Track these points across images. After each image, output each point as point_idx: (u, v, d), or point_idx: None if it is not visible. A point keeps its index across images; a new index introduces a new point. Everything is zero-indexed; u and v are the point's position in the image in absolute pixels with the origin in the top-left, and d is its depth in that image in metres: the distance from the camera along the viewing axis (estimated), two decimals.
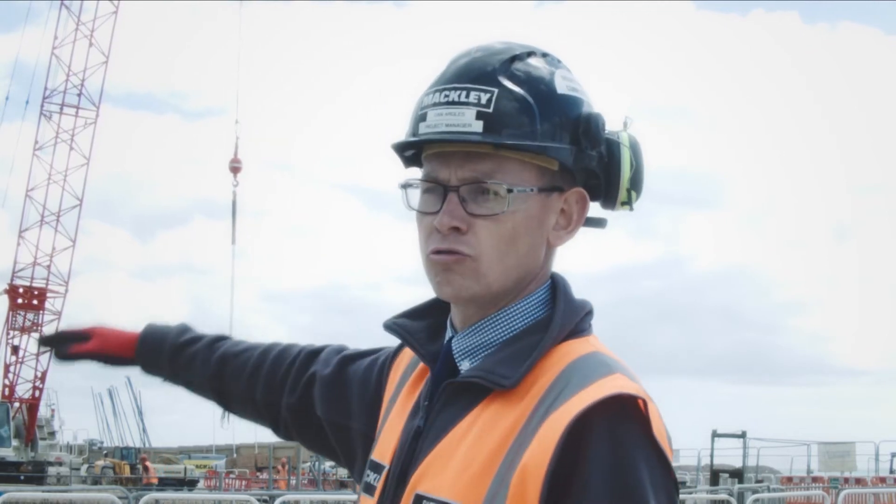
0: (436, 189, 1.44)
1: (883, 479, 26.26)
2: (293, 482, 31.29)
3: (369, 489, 1.53)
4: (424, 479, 1.40)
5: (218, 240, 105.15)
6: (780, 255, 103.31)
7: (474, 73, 1.43)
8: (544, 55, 1.49)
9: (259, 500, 15.87)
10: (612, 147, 1.49)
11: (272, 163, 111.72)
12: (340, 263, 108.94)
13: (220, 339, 1.93)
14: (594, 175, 1.48)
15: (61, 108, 41.10)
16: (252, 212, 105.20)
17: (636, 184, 1.51)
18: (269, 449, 40.18)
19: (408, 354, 1.66)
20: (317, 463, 33.90)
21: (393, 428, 1.55)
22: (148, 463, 39.31)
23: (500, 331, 1.46)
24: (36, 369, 42.18)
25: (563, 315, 1.44)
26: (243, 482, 37.81)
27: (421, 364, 1.59)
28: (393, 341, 1.66)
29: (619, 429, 1.30)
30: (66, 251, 41.86)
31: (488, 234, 1.41)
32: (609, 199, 1.51)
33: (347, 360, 1.77)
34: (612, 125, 1.50)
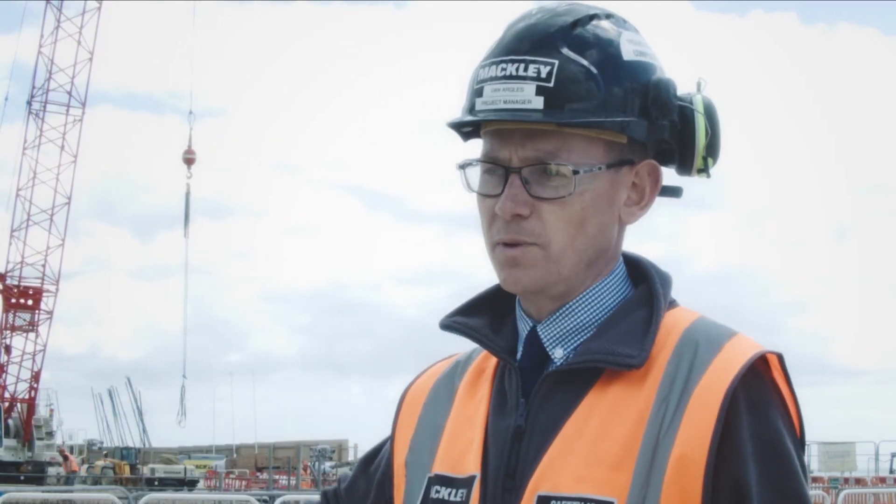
0: (496, 170, 1.33)
1: (883, 479, 26.28)
2: (293, 482, 31.29)
3: None
4: (546, 478, 1.27)
5: (218, 240, 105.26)
6: (780, 255, 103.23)
7: (533, 41, 1.32)
8: (608, 16, 1.37)
9: (259, 500, 15.87)
10: (686, 113, 1.37)
11: (272, 163, 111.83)
12: (340, 263, 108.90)
13: None
14: (667, 143, 1.37)
15: (44, 106, 41.17)
16: (252, 212, 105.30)
17: (713, 150, 1.39)
18: (270, 449, 40.23)
19: (424, 385, 1.53)
20: (317, 463, 33.89)
21: (461, 436, 1.40)
22: (67, 453, 39.10)
23: (592, 312, 1.36)
24: (31, 369, 42.17)
25: (662, 286, 1.36)
26: (243, 482, 37.80)
27: (473, 366, 1.48)
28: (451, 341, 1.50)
29: (758, 394, 1.26)
30: (55, 250, 41.83)
31: (555, 219, 1.31)
32: (684, 167, 1.39)
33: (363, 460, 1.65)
34: (684, 87, 1.39)
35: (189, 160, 44.00)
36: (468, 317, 1.44)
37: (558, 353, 1.36)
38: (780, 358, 1.30)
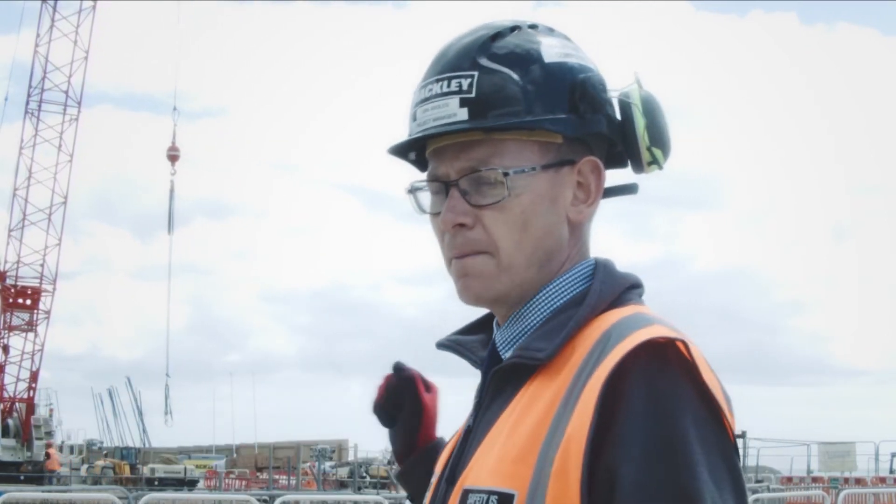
0: (440, 188, 1.37)
1: (883, 479, 26.27)
2: (293, 482, 31.28)
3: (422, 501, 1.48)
4: (471, 473, 1.32)
5: (219, 240, 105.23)
6: (780, 255, 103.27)
7: (454, 59, 1.36)
8: (532, 26, 1.39)
9: (259, 500, 15.87)
10: (623, 107, 1.39)
11: (272, 163, 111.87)
12: (340, 264, 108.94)
13: None
14: (610, 140, 1.39)
15: (40, 106, 41.24)
16: (252, 212, 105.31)
17: (658, 141, 1.40)
18: (270, 449, 40.19)
19: None
20: (317, 463, 33.88)
21: (450, 443, 1.50)
22: (51, 451, 39.04)
23: (538, 313, 1.37)
24: (30, 369, 42.19)
25: (601, 284, 1.35)
26: (243, 482, 37.80)
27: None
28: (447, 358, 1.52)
29: (657, 375, 1.19)
30: (52, 250, 41.87)
31: (497, 224, 1.33)
32: (635, 162, 1.41)
33: None
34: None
35: (173, 157, 44.15)
36: (466, 335, 1.50)
37: (507, 356, 1.38)
38: (686, 345, 1.22)
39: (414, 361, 1.70)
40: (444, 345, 1.49)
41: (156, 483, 37.71)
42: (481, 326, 1.50)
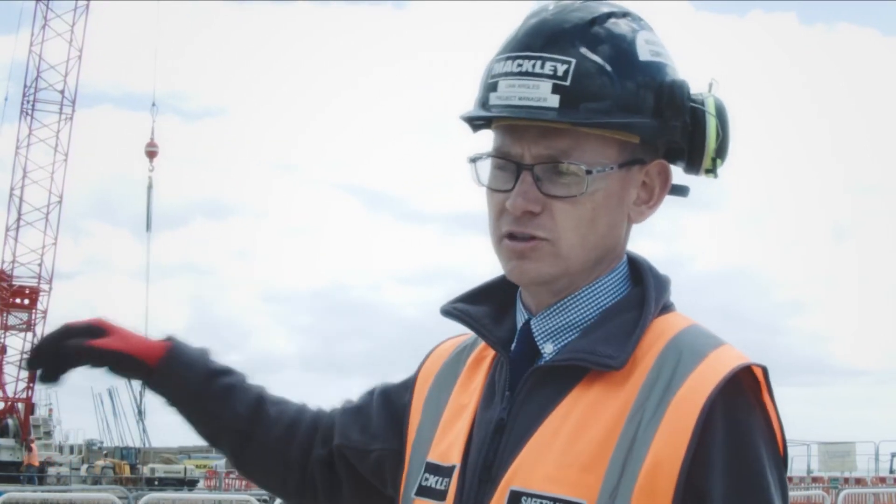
0: (508, 166, 1.32)
1: (883, 479, 26.27)
2: None
3: (431, 493, 1.40)
4: (520, 474, 1.28)
5: (219, 241, 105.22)
6: (780, 255, 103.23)
7: (549, 38, 1.31)
8: (625, 14, 1.37)
9: (259, 500, 15.85)
10: (697, 115, 1.37)
11: (272, 163, 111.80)
12: (340, 264, 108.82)
13: (249, 378, 1.65)
14: (677, 143, 1.38)
15: (33, 105, 41.33)
16: (252, 212, 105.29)
17: (722, 151, 1.39)
18: None
19: (443, 353, 1.55)
20: None
21: (453, 425, 1.42)
22: (33, 445, 38.99)
23: (586, 310, 1.35)
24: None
25: (655, 290, 1.35)
26: (243, 482, 37.75)
27: (474, 355, 1.48)
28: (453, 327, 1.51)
29: (737, 407, 1.25)
30: (48, 249, 41.89)
31: (566, 217, 1.31)
32: (692, 167, 1.39)
33: (373, 388, 1.62)
34: (697, 87, 1.40)
35: (151, 153, 44.29)
36: (471, 304, 1.44)
37: (548, 349, 1.36)
38: (765, 371, 1.29)
39: (414, 361, 1.67)
40: (450, 313, 1.45)
41: (156, 483, 37.69)
42: (485, 295, 1.46)
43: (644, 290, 1.36)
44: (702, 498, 1.22)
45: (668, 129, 1.34)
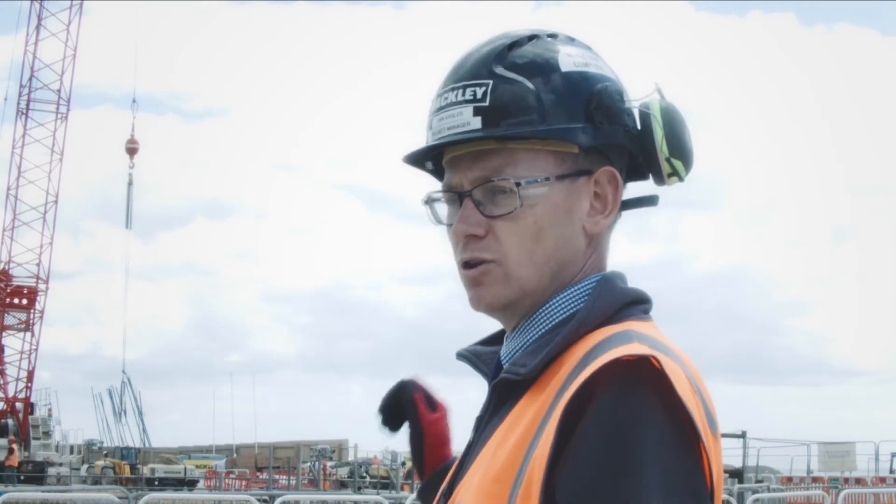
0: (453, 198, 1.36)
1: (883, 479, 26.25)
2: (293, 482, 31.27)
3: None
4: (462, 489, 1.31)
5: (220, 241, 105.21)
6: (780, 255, 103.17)
7: (471, 68, 1.35)
8: (551, 35, 1.38)
9: (259, 500, 15.86)
10: (643, 118, 1.37)
11: (272, 163, 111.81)
12: (341, 264, 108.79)
13: None
14: (630, 151, 1.37)
15: (28, 104, 41.42)
16: (253, 212, 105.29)
17: (678, 152, 1.37)
18: (270, 449, 40.14)
19: None
20: (317, 463, 33.87)
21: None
22: (14, 446, 38.99)
23: (539, 327, 1.35)
24: (27, 368, 42.19)
25: (595, 301, 1.31)
26: (243, 482, 37.79)
27: None
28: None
29: (621, 394, 1.14)
30: (45, 249, 41.94)
31: (508, 234, 1.32)
32: (655, 174, 1.39)
33: None
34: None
35: (132, 150, 44.44)
36: (485, 346, 1.47)
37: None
38: (658, 361, 1.17)
39: (414, 361, 1.69)
40: (462, 355, 1.48)
41: (156, 483, 37.68)
42: (500, 338, 1.46)
43: (585, 303, 1.32)
44: (552, 495, 1.14)
45: (604, 134, 1.34)
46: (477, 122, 1.32)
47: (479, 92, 1.33)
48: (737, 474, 25.71)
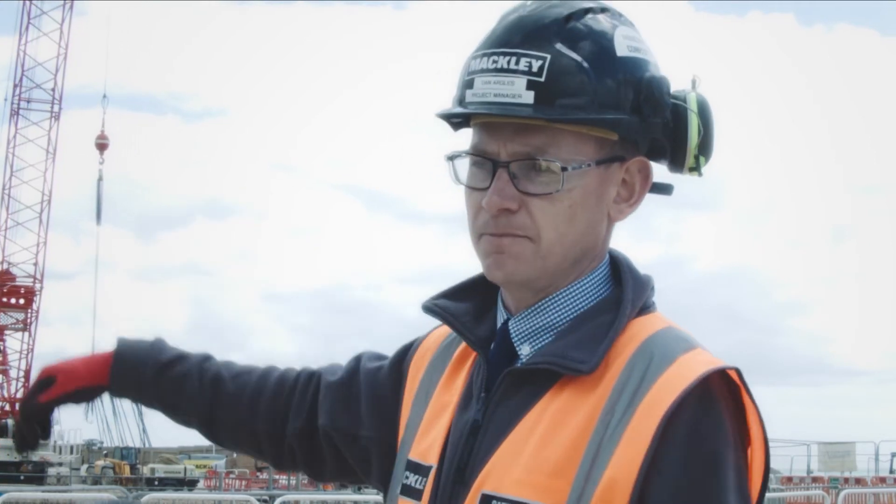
0: (485, 163, 1.31)
1: (883, 479, 26.25)
2: (293, 482, 31.25)
3: (411, 492, 1.40)
4: (491, 478, 1.28)
5: (220, 241, 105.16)
6: (780, 255, 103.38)
7: (525, 34, 1.29)
8: (604, 10, 1.34)
9: (259, 500, 15.85)
10: (679, 111, 1.35)
11: (272, 163, 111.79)
12: (341, 264, 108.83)
13: (207, 358, 1.67)
14: (659, 140, 1.36)
15: (19, 104, 41.53)
16: (253, 212, 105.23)
17: (705, 149, 1.37)
18: None
19: (431, 345, 1.53)
20: None
21: (434, 424, 1.42)
22: None
23: (565, 311, 1.34)
24: (24, 368, 42.18)
25: (633, 291, 1.33)
26: (243, 482, 37.76)
27: (458, 352, 1.47)
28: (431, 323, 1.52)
29: (702, 419, 1.22)
30: (39, 248, 42.01)
31: (543, 214, 1.29)
32: (676, 165, 1.38)
33: (356, 365, 1.60)
34: (679, 84, 1.38)
35: (102, 145, 44.41)
36: (454, 301, 1.44)
37: (525, 350, 1.35)
38: (739, 372, 1.25)
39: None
40: (430, 309, 1.44)
41: (156, 483, 37.69)
42: (467, 292, 1.44)
43: (622, 291, 1.34)
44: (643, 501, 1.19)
45: (648, 126, 1.33)
46: (529, 97, 1.27)
47: (536, 66, 1.28)
48: None
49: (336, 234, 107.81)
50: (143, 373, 1.64)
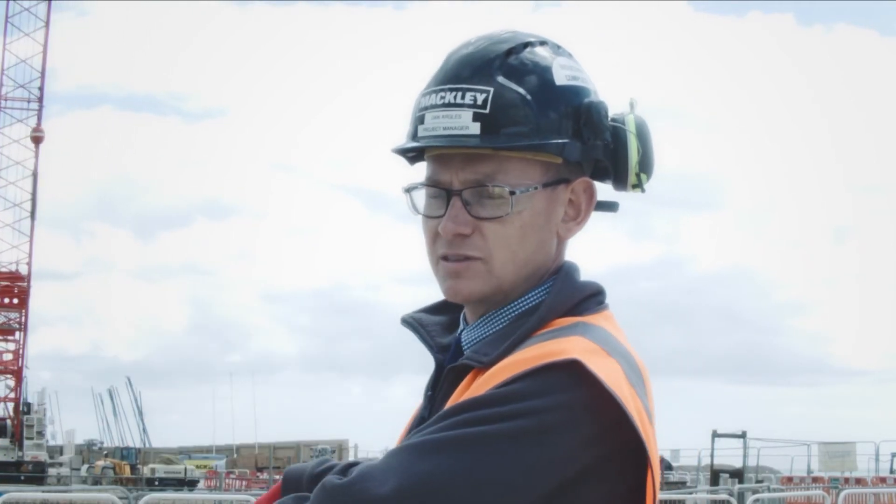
0: (439, 193, 1.42)
1: (883, 479, 26.28)
2: None
3: None
4: None
5: (219, 241, 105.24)
6: (780, 255, 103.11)
7: (470, 70, 1.41)
8: (543, 43, 1.45)
9: None
10: (618, 133, 1.45)
11: (272, 163, 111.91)
12: (341, 264, 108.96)
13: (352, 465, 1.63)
14: (601, 161, 1.45)
15: (2, 102, 41.75)
16: (252, 212, 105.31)
17: (646, 167, 1.47)
18: (270, 449, 40.21)
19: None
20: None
21: (406, 426, 1.53)
22: None
23: (504, 319, 1.44)
24: (18, 367, 42.25)
25: (555, 295, 1.41)
26: (243, 482, 37.79)
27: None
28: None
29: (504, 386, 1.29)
30: (21, 249, 42.24)
31: (496, 236, 1.40)
32: (619, 183, 1.47)
33: None
34: (617, 108, 1.47)
35: (36, 138, 44.46)
36: (430, 314, 1.55)
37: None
38: (581, 363, 1.27)
39: (414, 361, 1.70)
40: (406, 321, 1.54)
41: (156, 483, 37.72)
42: (446, 308, 1.54)
43: (546, 297, 1.42)
44: None
45: (589, 149, 1.43)
46: (476, 128, 1.38)
47: (480, 98, 1.39)
48: (737, 474, 25.74)
49: (336, 234, 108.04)
50: (301, 484, 1.54)
